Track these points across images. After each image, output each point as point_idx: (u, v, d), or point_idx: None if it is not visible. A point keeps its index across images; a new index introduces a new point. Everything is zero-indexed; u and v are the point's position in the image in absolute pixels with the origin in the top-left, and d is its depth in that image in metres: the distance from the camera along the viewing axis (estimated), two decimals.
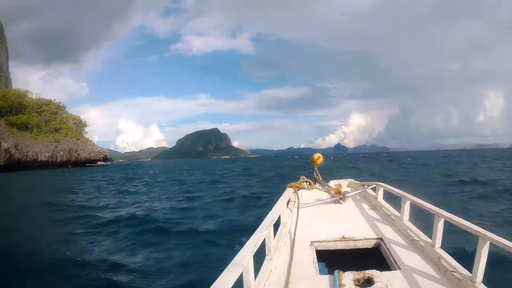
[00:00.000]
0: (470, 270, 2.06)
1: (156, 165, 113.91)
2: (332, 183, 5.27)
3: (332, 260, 2.92)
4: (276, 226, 2.89)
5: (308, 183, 5.24)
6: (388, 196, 3.91)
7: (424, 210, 2.70)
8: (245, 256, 1.82)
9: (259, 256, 2.19)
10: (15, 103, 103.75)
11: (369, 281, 2.04)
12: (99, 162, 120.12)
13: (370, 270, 2.12)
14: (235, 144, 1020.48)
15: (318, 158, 5.55)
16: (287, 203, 3.75)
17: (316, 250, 2.90)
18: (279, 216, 3.09)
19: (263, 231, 2.29)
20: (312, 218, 3.76)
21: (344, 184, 5.41)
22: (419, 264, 2.44)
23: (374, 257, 2.85)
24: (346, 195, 4.46)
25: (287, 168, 47.02)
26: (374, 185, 4.38)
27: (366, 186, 4.68)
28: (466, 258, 2.27)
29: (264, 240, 2.33)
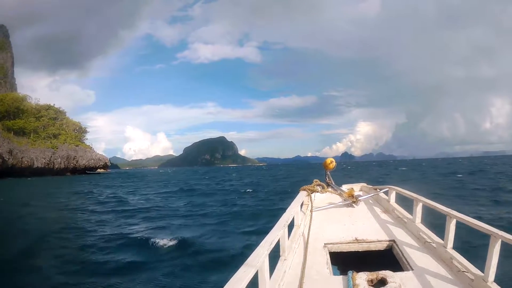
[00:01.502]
0: (482, 270, 2.07)
1: (152, 173, 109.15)
2: (345, 187, 5.42)
3: (345, 262, 2.98)
4: (290, 228, 2.88)
5: (321, 187, 5.04)
6: (400, 200, 4.01)
7: (436, 214, 2.75)
8: (260, 254, 1.82)
9: (273, 257, 2.12)
10: (13, 107, 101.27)
11: (383, 281, 2.06)
12: (99, 170, 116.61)
13: (384, 271, 2.15)
14: (242, 152, 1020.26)
15: (331, 162, 5.59)
16: (301, 206, 3.68)
17: (329, 252, 2.93)
18: (293, 218, 3.09)
19: (278, 231, 2.30)
20: (325, 221, 3.84)
21: (357, 188, 5.56)
22: (431, 265, 2.47)
23: (387, 259, 2.87)
24: (359, 198, 4.55)
25: (294, 179, 41.87)
26: (387, 189, 4.43)
27: (378, 190, 4.82)
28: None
29: (278, 241, 2.33)
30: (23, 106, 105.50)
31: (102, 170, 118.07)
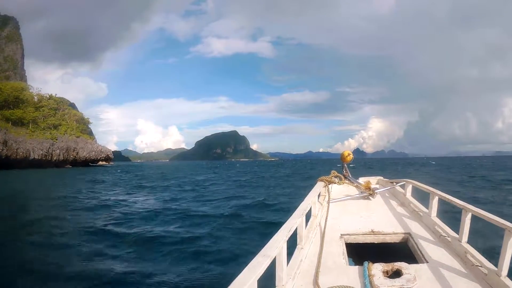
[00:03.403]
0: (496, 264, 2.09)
1: (152, 167, 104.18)
2: (361, 180, 5.37)
3: (361, 253, 2.98)
4: (307, 218, 2.91)
5: (338, 178, 5.13)
6: (416, 194, 4.01)
7: (452, 208, 2.75)
8: (279, 240, 1.87)
9: (289, 245, 2.11)
10: (11, 97, 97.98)
11: (398, 273, 2.11)
12: (100, 162, 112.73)
13: (399, 263, 2.19)
14: (254, 147, 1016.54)
15: (348, 155, 5.57)
16: (318, 196, 3.75)
17: (345, 243, 2.95)
18: (310, 209, 3.12)
19: (296, 219, 2.35)
20: (342, 212, 3.85)
21: (373, 181, 5.50)
22: (446, 258, 2.50)
23: (402, 251, 2.90)
24: (376, 191, 4.55)
25: (296, 181, 35.24)
26: (403, 182, 4.43)
27: (395, 184, 4.81)
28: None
29: (296, 229, 2.38)
30: (22, 96, 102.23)
31: (104, 163, 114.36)
